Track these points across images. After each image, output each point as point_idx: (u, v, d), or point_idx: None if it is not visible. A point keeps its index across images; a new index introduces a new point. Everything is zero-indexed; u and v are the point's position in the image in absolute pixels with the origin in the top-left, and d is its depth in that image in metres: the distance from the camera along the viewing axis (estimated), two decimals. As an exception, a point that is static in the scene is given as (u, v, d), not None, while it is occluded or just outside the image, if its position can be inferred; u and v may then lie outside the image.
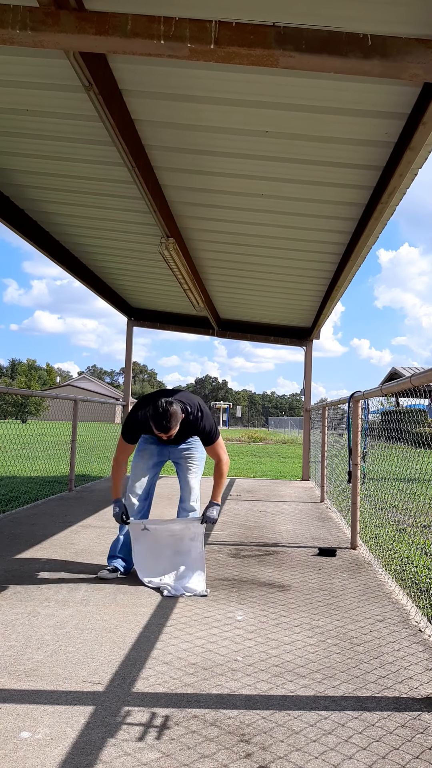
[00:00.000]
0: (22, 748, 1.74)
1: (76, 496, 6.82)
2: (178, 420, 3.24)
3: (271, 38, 2.33)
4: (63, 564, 3.78)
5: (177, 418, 3.23)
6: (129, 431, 3.47)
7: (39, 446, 12.71)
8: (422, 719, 1.98)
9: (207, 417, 3.49)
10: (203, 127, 3.81)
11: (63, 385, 65.71)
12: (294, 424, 40.94)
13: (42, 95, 3.65)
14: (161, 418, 3.18)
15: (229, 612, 2.97)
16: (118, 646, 2.51)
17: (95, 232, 6.31)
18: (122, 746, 1.77)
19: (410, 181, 3.71)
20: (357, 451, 4.55)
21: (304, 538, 4.85)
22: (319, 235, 5.47)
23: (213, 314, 9.10)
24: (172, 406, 3.21)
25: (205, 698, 2.08)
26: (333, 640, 2.64)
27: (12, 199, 5.67)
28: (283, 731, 1.88)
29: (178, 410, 3.24)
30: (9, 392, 5.30)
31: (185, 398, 3.46)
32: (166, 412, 3.18)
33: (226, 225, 5.52)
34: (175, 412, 3.21)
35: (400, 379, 3.09)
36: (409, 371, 30.31)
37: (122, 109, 3.60)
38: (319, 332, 9.27)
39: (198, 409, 3.45)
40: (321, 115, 3.47)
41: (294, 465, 14.09)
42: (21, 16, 2.34)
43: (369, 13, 2.57)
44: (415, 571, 4.21)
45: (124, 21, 2.34)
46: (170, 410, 3.19)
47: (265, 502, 6.81)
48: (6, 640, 2.53)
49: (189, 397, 3.51)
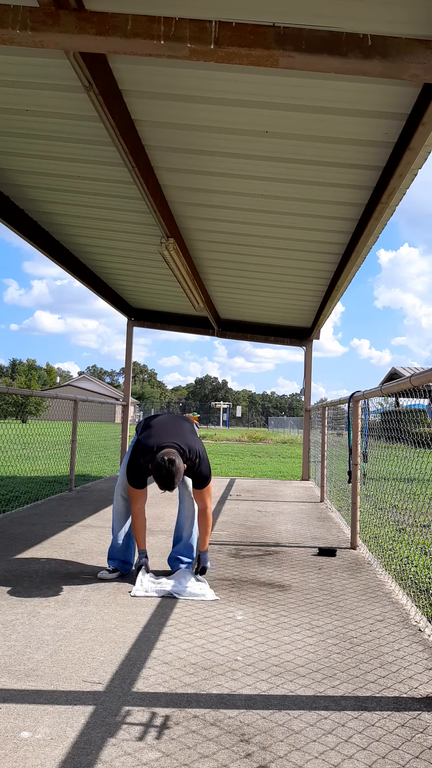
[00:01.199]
0: (22, 748, 1.74)
1: (76, 496, 6.82)
2: (181, 474, 3.19)
3: (271, 38, 2.34)
4: (63, 564, 3.78)
5: (180, 473, 3.17)
6: (136, 479, 3.38)
7: (39, 446, 12.71)
8: (422, 719, 1.98)
9: (204, 462, 3.44)
10: (203, 127, 3.81)
11: (63, 385, 65.73)
12: (294, 424, 40.95)
13: (42, 95, 3.65)
14: (166, 479, 3.12)
15: (229, 612, 2.97)
16: (118, 646, 2.51)
17: (95, 232, 6.31)
18: (122, 746, 1.77)
19: (410, 182, 3.72)
20: (357, 451, 4.55)
21: (304, 538, 4.85)
22: (319, 236, 5.47)
23: (213, 314, 9.10)
24: (174, 465, 3.13)
25: (205, 698, 2.08)
26: (333, 640, 2.64)
27: (12, 199, 5.67)
28: (283, 731, 1.88)
29: (181, 466, 3.19)
30: (9, 392, 5.30)
31: (184, 443, 3.35)
32: (170, 473, 3.12)
33: (226, 225, 5.53)
34: (179, 469, 3.15)
35: (399, 379, 3.09)
36: (408, 371, 30.31)
37: (122, 109, 3.60)
38: (319, 332, 9.28)
39: (197, 455, 3.39)
40: (321, 115, 3.47)
41: (294, 465, 14.09)
42: (21, 17, 2.34)
43: (369, 13, 2.57)
44: (415, 571, 4.21)
45: (124, 21, 2.34)
46: (173, 470, 3.13)
47: (265, 502, 6.81)
48: (6, 640, 2.53)
49: (188, 440, 3.39)
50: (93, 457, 12.08)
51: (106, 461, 11.51)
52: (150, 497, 3.92)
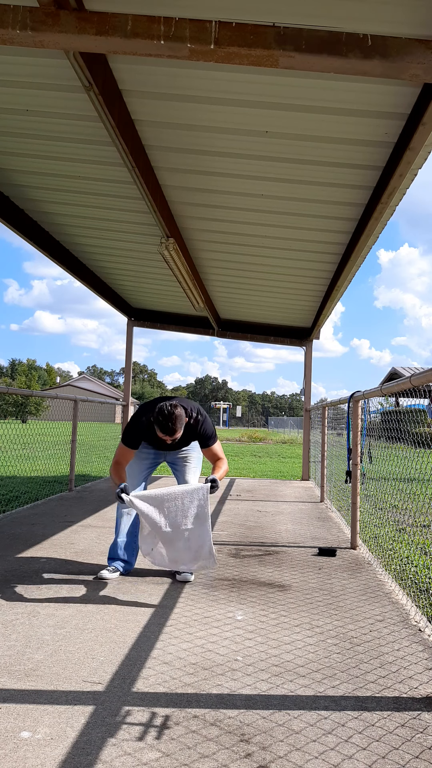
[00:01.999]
0: (22, 748, 1.74)
1: (76, 496, 6.82)
2: (183, 422, 3.25)
3: (271, 38, 2.34)
4: (63, 564, 3.78)
5: (182, 420, 3.24)
6: (131, 436, 3.44)
7: (39, 446, 12.71)
8: (422, 719, 1.98)
9: (207, 421, 3.51)
10: (203, 127, 3.81)
11: (63, 385, 65.73)
12: (294, 424, 40.94)
13: (42, 95, 3.65)
14: (167, 421, 3.19)
15: (229, 612, 2.97)
16: (118, 646, 2.51)
17: (95, 232, 6.31)
18: (122, 746, 1.77)
19: (410, 182, 3.72)
20: (357, 451, 4.55)
21: (304, 538, 4.85)
22: (319, 236, 5.47)
23: (213, 314, 9.10)
24: (176, 409, 3.22)
25: (205, 698, 2.08)
26: (333, 640, 2.64)
27: (12, 199, 5.67)
28: (283, 731, 1.88)
29: (183, 413, 3.26)
30: (9, 392, 5.30)
31: (185, 402, 3.48)
32: (171, 415, 3.19)
33: (226, 225, 5.53)
34: (180, 414, 3.23)
35: (399, 379, 3.09)
36: (408, 371, 30.31)
37: (122, 109, 3.60)
38: (319, 332, 9.28)
39: (198, 413, 3.48)
40: (321, 115, 3.47)
41: (294, 465, 14.09)
42: (21, 17, 2.34)
43: (369, 13, 2.57)
44: (414, 570, 4.21)
45: (124, 21, 2.34)
46: (175, 413, 3.20)
47: (265, 502, 6.81)
48: (6, 640, 2.53)
49: (188, 401, 3.54)
50: (93, 457, 12.09)
51: (106, 461, 11.51)
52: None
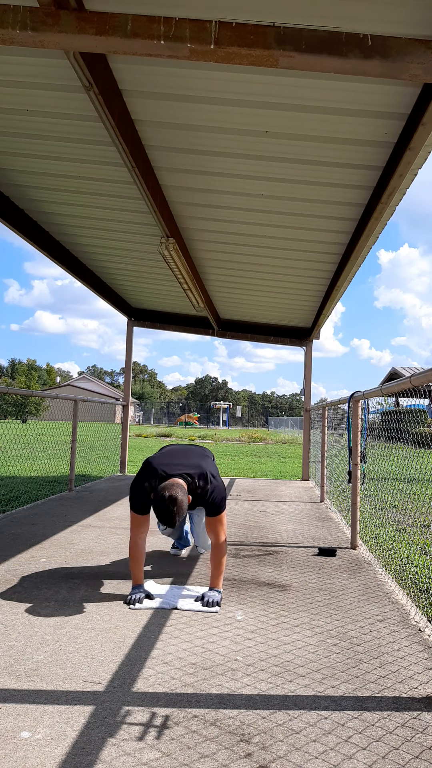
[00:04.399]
0: (22, 748, 1.74)
1: (76, 496, 6.82)
2: (184, 510, 2.94)
3: (271, 38, 2.34)
4: (63, 564, 3.78)
5: (183, 509, 2.91)
6: (138, 503, 3.13)
7: (39, 446, 12.72)
8: (422, 719, 1.98)
9: (218, 488, 3.14)
10: (203, 127, 3.81)
11: (63, 385, 65.71)
12: (294, 424, 40.94)
13: (42, 95, 3.65)
14: (166, 514, 2.88)
15: (229, 612, 2.97)
16: (118, 646, 2.51)
17: (95, 232, 6.31)
18: (122, 746, 1.77)
19: (410, 182, 3.71)
20: (357, 451, 4.55)
21: (304, 538, 4.85)
22: (319, 236, 5.47)
23: (213, 314, 9.10)
24: (177, 501, 2.88)
25: (205, 698, 2.08)
26: (333, 640, 2.64)
27: (12, 199, 5.67)
28: (283, 731, 1.88)
29: (184, 500, 2.94)
30: (9, 392, 5.30)
31: (195, 466, 3.14)
32: (170, 511, 2.88)
33: (226, 225, 5.53)
34: (181, 503, 2.90)
35: (399, 379, 3.09)
36: (408, 371, 30.31)
37: (122, 109, 3.60)
38: (319, 332, 9.28)
39: (206, 480, 3.12)
40: (321, 115, 3.47)
41: (294, 465, 14.09)
42: (21, 16, 2.34)
43: (369, 13, 2.57)
44: (414, 570, 4.21)
45: (124, 21, 2.34)
46: (175, 507, 2.88)
47: (265, 502, 6.81)
48: (6, 640, 2.53)
49: (199, 462, 3.18)
50: (93, 457, 12.08)
51: (106, 461, 11.51)
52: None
